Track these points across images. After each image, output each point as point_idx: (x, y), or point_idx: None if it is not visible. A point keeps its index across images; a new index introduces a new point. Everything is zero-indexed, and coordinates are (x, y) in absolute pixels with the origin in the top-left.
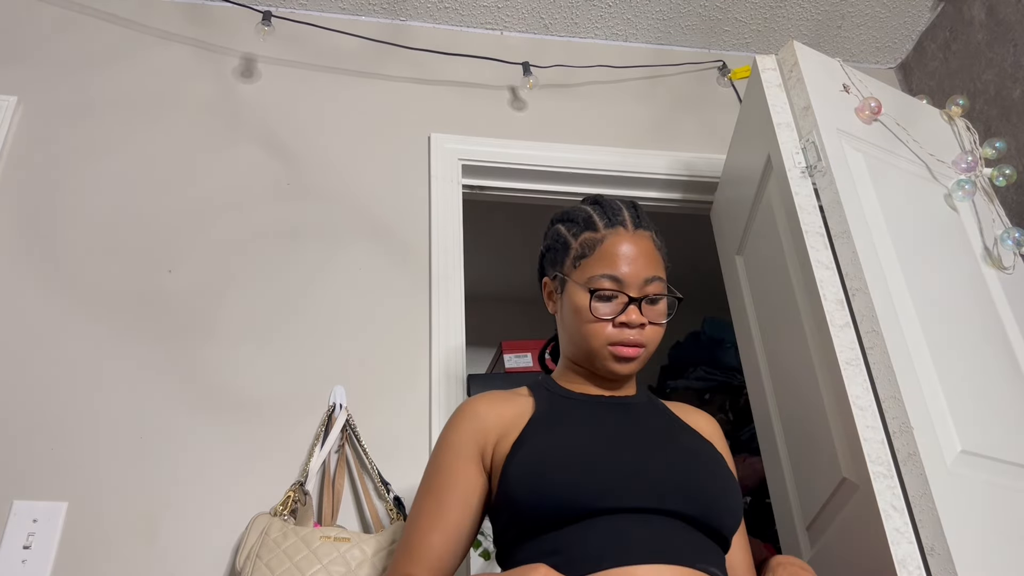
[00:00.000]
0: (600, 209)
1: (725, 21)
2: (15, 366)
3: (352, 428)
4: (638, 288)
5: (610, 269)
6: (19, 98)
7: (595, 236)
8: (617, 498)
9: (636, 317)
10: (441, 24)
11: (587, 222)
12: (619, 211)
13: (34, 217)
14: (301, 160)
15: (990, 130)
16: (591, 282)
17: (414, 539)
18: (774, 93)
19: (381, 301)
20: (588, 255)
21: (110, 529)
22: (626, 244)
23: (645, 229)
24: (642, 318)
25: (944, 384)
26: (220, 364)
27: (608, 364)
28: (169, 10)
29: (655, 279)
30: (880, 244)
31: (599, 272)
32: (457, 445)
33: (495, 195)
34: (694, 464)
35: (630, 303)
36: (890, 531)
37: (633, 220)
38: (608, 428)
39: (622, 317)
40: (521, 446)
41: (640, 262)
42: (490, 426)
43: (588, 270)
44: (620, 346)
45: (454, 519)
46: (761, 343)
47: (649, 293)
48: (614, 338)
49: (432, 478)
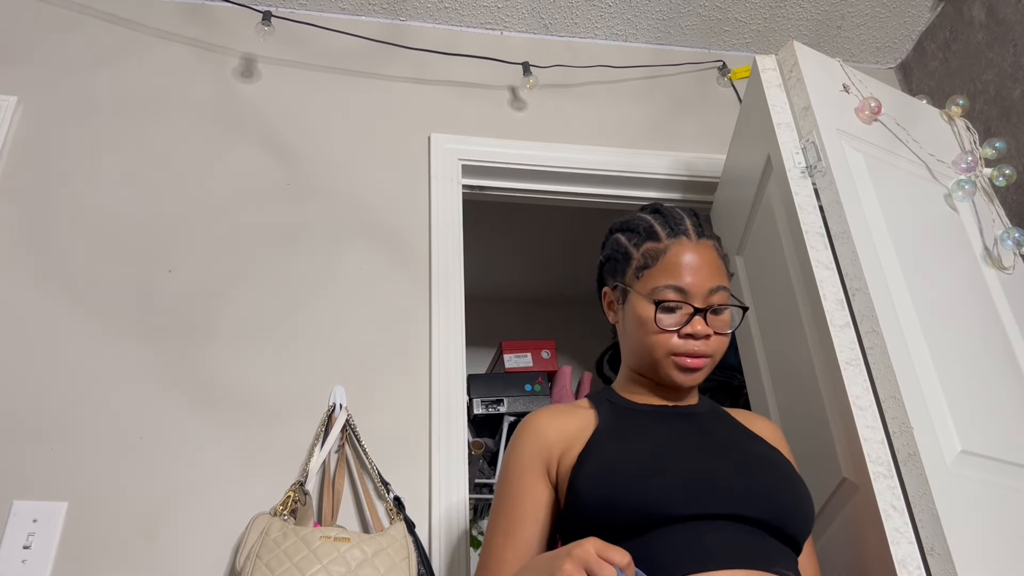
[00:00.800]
0: (662, 218)
1: (725, 21)
2: (15, 366)
3: (352, 428)
4: (703, 298)
5: (674, 280)
6: (19, 98)
7: (658, 246)
8: (690, 505)
9: (702, 328)
10: (441, 24)
11: (649, 232)
12: (681, 220)
13: (34, 217)
14: (301, 160)
15: (990, 130)
16: (655, 293)
17: (490, 558)
18: (774, 93)
19: (381, 301)
20: (651, 266)
21: (110, 529)
22: (690, 254)
23: (708, 238)
24: (707, 329)
25: (944, 384)
26: (220, 364)
27: (673, 375)
28: (169, 10)
29: (720, 289)
30: (880, 244)
31: (663, 283)
32: (522, 461)
33: (495, 195)
34: (767, 470)
35: (695, 314)
36: (890, 531)
37: (696, 229)
38: (676, 436)
39: (687, 328)
40: (588, 457)
41: (704, 272)
42: (553, 440)
43: (651, 281)
44: (685, 357)
45: (526, 535)
46: (761, 343)
47: (714, 303)
48: (679, 349)
49: (502, 497)
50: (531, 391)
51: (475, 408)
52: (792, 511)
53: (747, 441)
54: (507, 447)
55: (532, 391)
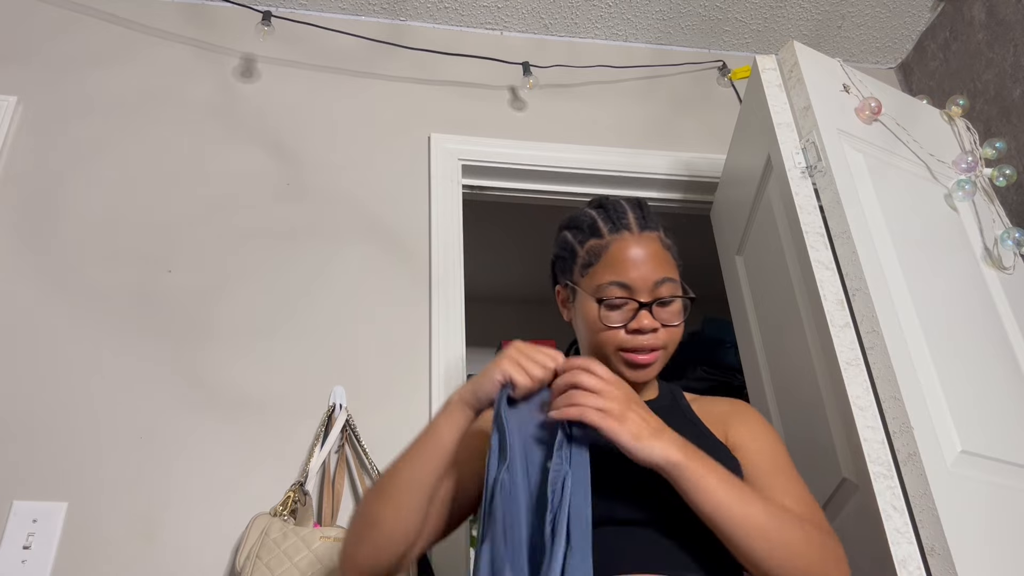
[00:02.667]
0: (604, 213)
1: (725, 21)
2: (15, 366)
3: (352, 428)
4: (648, 292)
5: (617, 276)
6: (19, 98)
7: (600, 243)
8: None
9: (648, 322)
10: (441, 24)
11: (592, 228)
12: (623, 214)
13: (34, 217)
14: (301, 160)
15: (990, 130)
16: (599, 291)
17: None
18: (774, 93)
19: (381, 301)
20: (595, 263)
21: (110, 529)
22: (632, 248)
23: (651, 230)
24: (655, 323)
25: (944, 384)
26: (220, 364)
27: (624, 371)
28: (169, 10)
29: (665, 280)
30: (880, 244)
31: (607, 279)
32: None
33: (495, 195)
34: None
35: (640, 308)
36: (890, 531)
37: (638, 222)
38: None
39: (633, 324)
40: None
41: (648, 265)
42: None
43: (596, 278)
44: (634, 353)
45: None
46: (761, 343)
47: (660, 296)
48: (627, 344)
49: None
50: None
51: None
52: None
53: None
54: None
55: None
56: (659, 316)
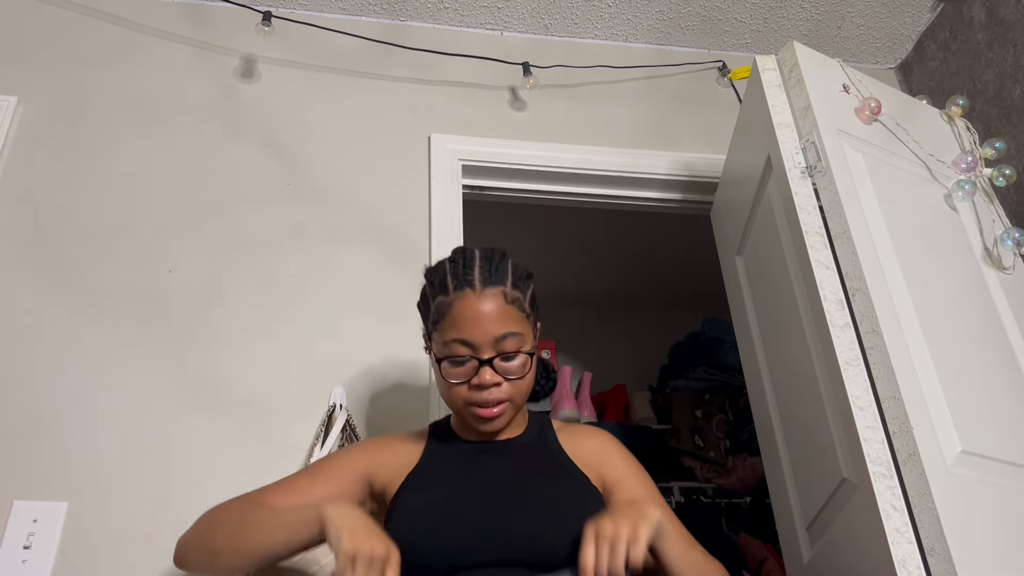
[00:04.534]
0: (454, 267)
1: (725, 21)
2: (15, 366)
3: (352, 428)
4: (490, 347)
5: (460, 333)
6: (19, 98)
7: (446, 300)
8: (468, 556)
9: (490, 378)
10: (441, 24)
11: (441, 284)
12: (470, 270)
13: (34, 217)
14: (301, 160)
15: (990, 130)
16: (445, 347)
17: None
18: (774, 93)
19: (381, 301)
20: (440, 320)
21: (110, 529)
22: (473, 306)
23: (495, 285)
24: (496, 377)
25: (944, 384)
26: (220, 364)
27: (474, 424)
28: (169, 10)
29: (508, 336)
30: (880, 244)
31: (451, 336)
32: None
33: (495, 195)
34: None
35: (481, 365)
36: (890, 531)
37: (483, 278)
38: (472, 484)
39: (475, 379)
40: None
41: (487, 322)
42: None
43: (442, 335)
44: (478, 407)
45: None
46: (761, 343)
47: (503, 350)
48: (472, 399)
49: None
50: None
51: None
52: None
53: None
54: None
55: None
56: (502, 370)
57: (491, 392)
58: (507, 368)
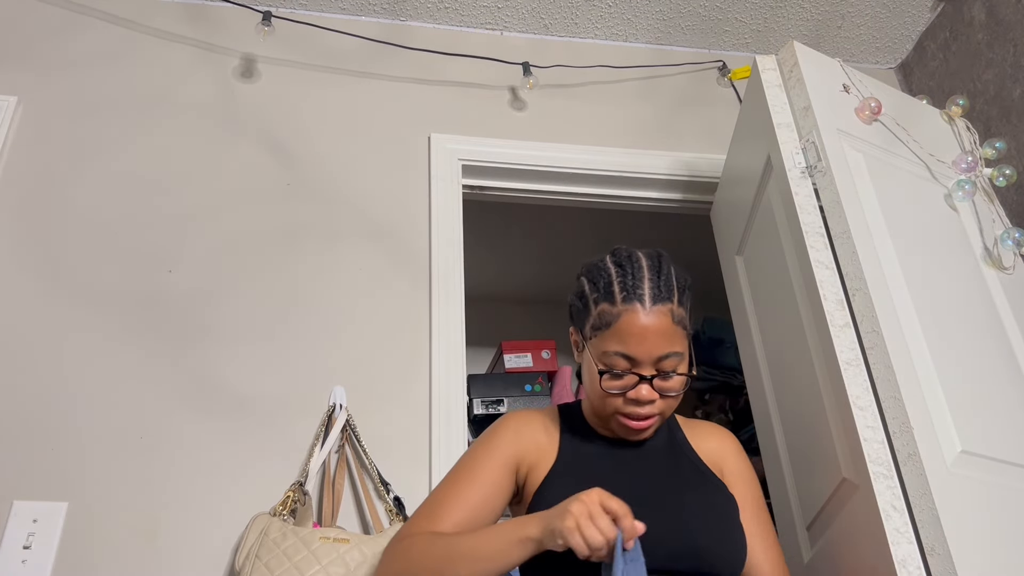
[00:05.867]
0: (622, 276)
1: (725, 21)
2: (15, 366)
3: (352, 428)
4: (651, 365)
5: (622, 347)
6: (19, 98)
7: (612, 310)
8: None
9: (647, 394)
10: (441, 24)
11: (607, 290)
12: (639, 283)
13: (34, 217)
14: (301, 160)
15: (990, 130)
16: (604, 357)
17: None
18: (774, 93)
19: (381, 301)
20: (603, 329)
21: (110, 529)
22: (641, 323)
23: (664, 302)
24: (653, 394)
25: (944, 384)
26: (220, 364)
27: (620, 432)
28: (169, 10)
29: (670, 355)
30: (880, 244)
31: (612, 348)
32: (496, 450)
33: (495, 195)
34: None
35: (641, 381)
36: (890, 531)
37: (652, 293)
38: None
39: (632, 393)
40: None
41: (653, 341)
42: (530, 448)
43: (603, 343)
44: (630, 420)
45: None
46: (761, 343)
47: (663, 369)
48: (624, 410)
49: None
50: (531, 391)
51: (475, 408)
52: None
53: (691, 485)
54: (484, 434)
55: (532, 391)
56: (659, 387)
57: (645, 408)
58: (664, 386)
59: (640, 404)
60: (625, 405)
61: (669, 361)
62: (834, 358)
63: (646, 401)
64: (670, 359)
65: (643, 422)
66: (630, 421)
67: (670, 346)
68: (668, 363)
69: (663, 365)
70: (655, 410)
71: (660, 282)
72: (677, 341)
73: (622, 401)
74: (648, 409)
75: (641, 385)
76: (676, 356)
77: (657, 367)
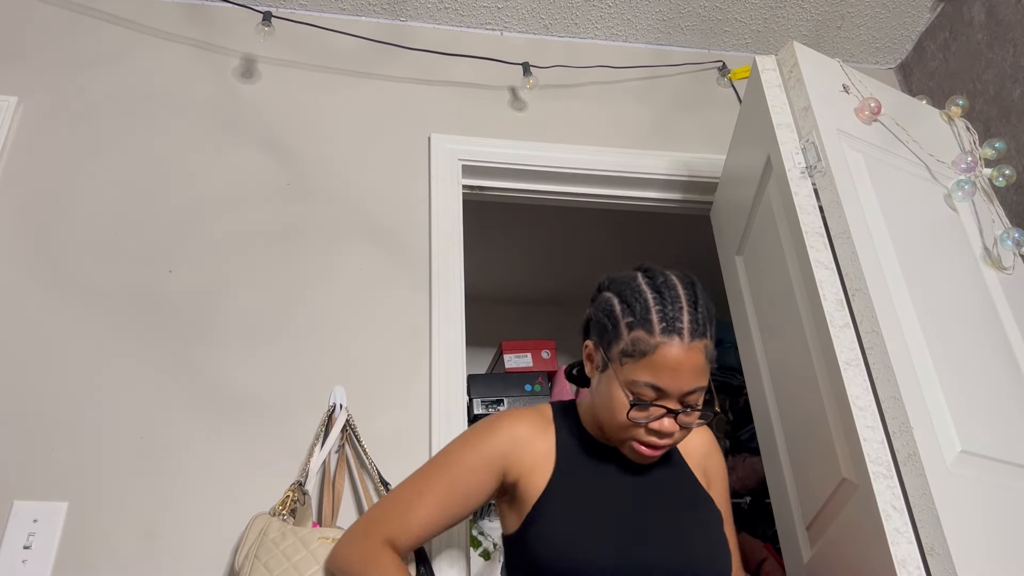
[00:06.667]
0: (660, 305)
1: (725, 21)
2: (15, 366)
3: (352, 428)
4: (678, 399)
5: (654, 379)
6: (19, 98)
7: (648, 340)
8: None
9: (669, 426)
10: (441, 24)
11: (643, 318)
12: (679, 315)
13: (34, 217)
14: (301, 160)
15: (990, 130)
16: (633, 386)
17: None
18: (774, 94)
19: (381, 301)
20: (636, 357)
21: (110, 529)
22: (677, 358)
23: (700, 338)
24: (675, 427)
25: (944, 384)
26: (220, 364)
27: (629, 455)
28: (169, 10)
29: (696, 390)
30: (880, 244)
31: (643, 379)
32: (484, 451)
33: (495, 195)
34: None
35: (667, 414)
36: (890, 531)
37: (691, 327)
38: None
39: (655, 425)
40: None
41: (686, 376)
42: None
43: (633, 372)
44: (645, 448)
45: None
46: (761, 343)
47: (689, 403)
48: (641, 438)
49: (446, 460)
50: (531, 391)
51: (475, 408)
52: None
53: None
54: (475, 428)
55: (532, 391)
56: (681, 420)
57: (665, 441)
58: (686, 420)
59: (661, 436)
60: (645, 435)
61: (695, 395)
62: (834, 358)
63: (667, 434)
64: (696, 394)
65: (657, 451)
66: (645, 449)
67: (698, 381)
68: (693, 397)
69: (689, 399)
70: (672, 441)
71: (698, 315)
72: (704, 376)
73: (643, 431)
74: (667, 441)
75: (665, 418)
76: (701, 391)
77: (683, 401)
